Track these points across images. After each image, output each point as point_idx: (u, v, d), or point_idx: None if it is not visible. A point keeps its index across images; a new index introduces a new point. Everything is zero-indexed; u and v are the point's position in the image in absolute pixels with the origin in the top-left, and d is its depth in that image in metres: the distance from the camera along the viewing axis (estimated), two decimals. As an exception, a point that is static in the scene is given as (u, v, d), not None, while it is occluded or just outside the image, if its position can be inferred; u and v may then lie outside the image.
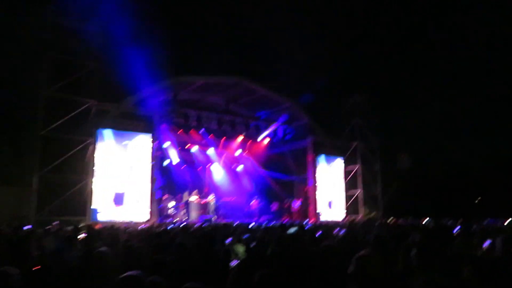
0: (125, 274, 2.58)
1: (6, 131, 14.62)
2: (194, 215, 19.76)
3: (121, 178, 16.14)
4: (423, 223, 15.20)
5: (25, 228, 10.53)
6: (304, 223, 17.02)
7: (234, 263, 5.43)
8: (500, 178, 22.67)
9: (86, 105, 15.43)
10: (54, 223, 11.48)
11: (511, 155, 22.84)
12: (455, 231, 8.08)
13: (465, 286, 2.48)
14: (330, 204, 22.79)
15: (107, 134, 16.10)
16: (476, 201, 24.49)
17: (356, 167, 23.85)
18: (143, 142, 16.91)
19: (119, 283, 2.53)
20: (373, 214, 23.68)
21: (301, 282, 3.31)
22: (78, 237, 8.25)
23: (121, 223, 14.47)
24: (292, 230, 7.55)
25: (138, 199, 16.39)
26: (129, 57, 16.90)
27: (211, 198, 20.76)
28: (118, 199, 15.89)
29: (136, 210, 16.24)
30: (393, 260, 3.51)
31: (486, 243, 5.55)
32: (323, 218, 21.74)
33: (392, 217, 19.61)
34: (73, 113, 14.98)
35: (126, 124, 16.60)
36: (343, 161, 23.98)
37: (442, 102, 23.94)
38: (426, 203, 21.46)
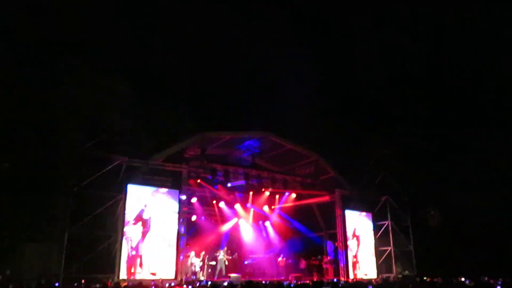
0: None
1: (40, 187, 14.93)
2: (220, 272, 19.37)
3: (150, 235, 16.08)
4: (461, 281, 14.43)
5: (56, 285, 10.47)
6: (335, 281, 16.37)
7: None
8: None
9: (117, 162, 15.73)
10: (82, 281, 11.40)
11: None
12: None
13: None
14: (361, 261, 21.96)
15: (137, 190, 16.28)
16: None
17: (386, 222, 23.14)
18: (171, 198, 16.97)
19: None
20: (406, 272, 22.63)
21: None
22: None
23: (148, 280, 14.25)
24: None
25: (165, 256, 16.19)
26: (159, 114, 17.46)
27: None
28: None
29: (163, 267, 15.99)
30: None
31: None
32: (354, 275, 20.88)
33: (426, 276, 18.68)
34: (104, 170, 15.25)
35: (155, 180, 16.78)
36: (372, 216, 23.40)
37: (472, 155, 23.48)
38: (460, 261, 20.47)
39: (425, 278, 18.36)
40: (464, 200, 22.96)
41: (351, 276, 20.57)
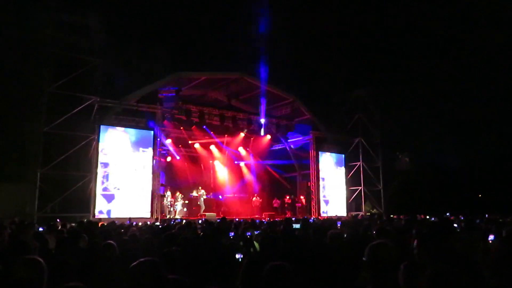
0: (139, 260, 2.55)
1: (10, 128, 14.59)
2: (196, 211, 19.84)
3: (124, 175, 16.15)
4: (425, 218, 15.25)
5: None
6: (306, 218, 17.00)
7: (239, 256, 5.44)
8: (497, 177, 22.96)
9: (89, 102, 15.40)
10: (57, 220, 11.51)
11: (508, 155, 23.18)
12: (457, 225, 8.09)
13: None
14: (332, 200, 22.79)
15: (110, 130, 16.11)
16: (479, 197, 24.66)
17: (358, 163, 23.81)
18: (145, 139, 16.90)
19: (134, 269, 2.49)
20: (374, 210, 23.68)
21: (312, 273, 3.31)
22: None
23: (123, 219, 14.49)
24: (296, 225, 7.54)
25: (140, 195, 16.40)
26: (132, 54, 16.88)
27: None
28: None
29: (138, 207, 16.25)
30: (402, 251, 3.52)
31: (491, 237, 5.53)
32: (325, 213, 21.75)
33: (393, 214, 19.62)
34: (75, 110, 14.95)
35: (128, 120, 16.61)
36: (344, 157, 23.97)
37: (442, 102, 24.09)
38: (426, 200, 21.57)
39: (391, 215, 19.32)
40: (431, 146, 23.85)
41: (323, 214, 21.43)
